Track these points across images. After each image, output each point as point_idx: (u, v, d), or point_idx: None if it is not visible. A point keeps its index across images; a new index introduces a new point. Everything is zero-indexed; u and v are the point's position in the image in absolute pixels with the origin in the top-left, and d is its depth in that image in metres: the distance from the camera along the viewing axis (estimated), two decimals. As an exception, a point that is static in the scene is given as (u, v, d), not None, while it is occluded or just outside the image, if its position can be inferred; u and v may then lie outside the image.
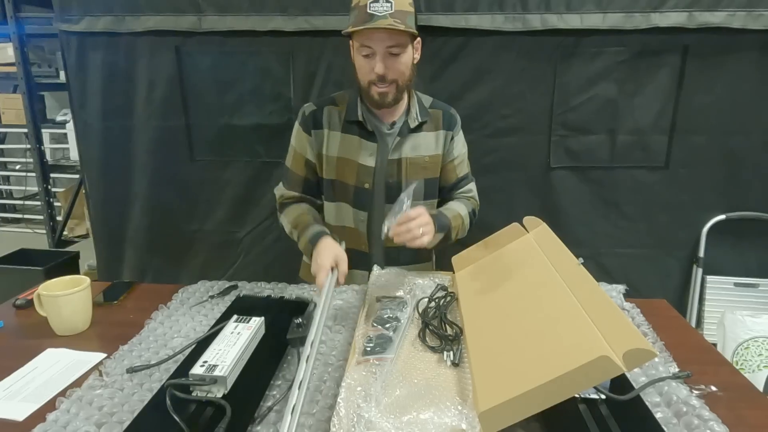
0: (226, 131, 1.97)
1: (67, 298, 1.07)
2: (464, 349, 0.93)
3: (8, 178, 4.40)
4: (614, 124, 1.90)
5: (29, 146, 2.69)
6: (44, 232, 2.78)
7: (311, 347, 0.88)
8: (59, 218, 2.83)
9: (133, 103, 1.99)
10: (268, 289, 1.29)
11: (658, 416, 0.79)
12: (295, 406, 0.75)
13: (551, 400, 0.70)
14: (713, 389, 0.89)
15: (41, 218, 2.88)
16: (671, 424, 0.79)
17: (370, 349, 0.92)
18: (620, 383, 0.85)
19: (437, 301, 1.12)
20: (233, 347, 0.90)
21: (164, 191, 2.07)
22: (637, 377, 0.90)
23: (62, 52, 1.98)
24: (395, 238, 1.10)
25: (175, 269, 2.14)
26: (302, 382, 0.79)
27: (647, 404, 0.82)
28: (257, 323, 0.99)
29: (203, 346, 0.92)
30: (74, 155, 2.99)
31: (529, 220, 1.17)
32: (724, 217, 1.97)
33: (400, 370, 0.87)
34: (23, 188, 4.22)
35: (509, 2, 1.79)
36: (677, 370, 0.93)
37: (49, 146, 3.54)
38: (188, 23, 1.87)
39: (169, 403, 0.79)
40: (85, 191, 2.15)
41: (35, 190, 3.05)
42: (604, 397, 0.81)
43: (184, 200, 2.08)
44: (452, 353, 0.91)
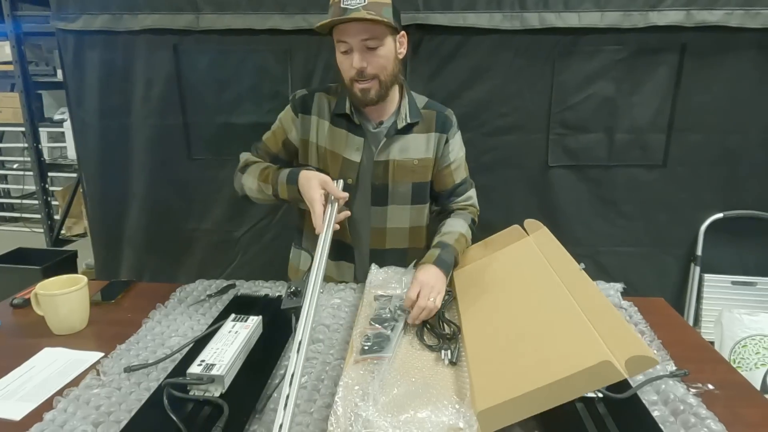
0: (224, 130, 1.97)
1: (64, 297, 1.07)
2: (462, 348, 0.94)
3: (5, 176, 4.39)
4: (612, 122, 1.90)
5: (26, 145, 2.68)
6: (42, 231, 2.77)
7: (309, 308, 0.86)
8: (57, 217, 2.82)
9: (130, 101, 1.98)
10: (265, 287, 1.29)
11: (655, 414, 0.79)
12: (294, 373, 0.76)
13: (550, 402, 0.71)
14: (710, 387, 0.89)
15: (39, 217, 2.88)
16: (668, 422, 0.79)
17: (367, 348, 0.92)
18: (617, 382, 0.85)
19: (435, 299, 1.12)
20: (231, 346, 0.90)
21: (162, 190, 2.07)
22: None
23: (59, 50, 1.97)
24: (417, 321, 1.04)
25: (172, 268, 2.14)
26: (300, 343, 0.79)
27: (644, 402, 0.82)
28: (255, 322, 0.99)
29: (201, 345, 0.92)
30: (72, 154, 2.98)
31: (530, 222, 1.17)
32: (721, 215, 1.97)
33: (397, 368, 0.88)
34: (21, 187, 4.21)
35: (507, 1, 1.78)
36: (674, 368, 0.93)
37: (46, 145, 3.54)
38: (186, 22, 1.86)
39: (166, 402, 0.79)
40: (82, 190, 2.14)
41: (33, 188, 3.05)
42: (601, 395, 0.81)
43: (181, 199, 2.08)
44: (450, 352, 0.91)
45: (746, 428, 0.80)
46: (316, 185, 1.11)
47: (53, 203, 2.87)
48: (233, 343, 0.91)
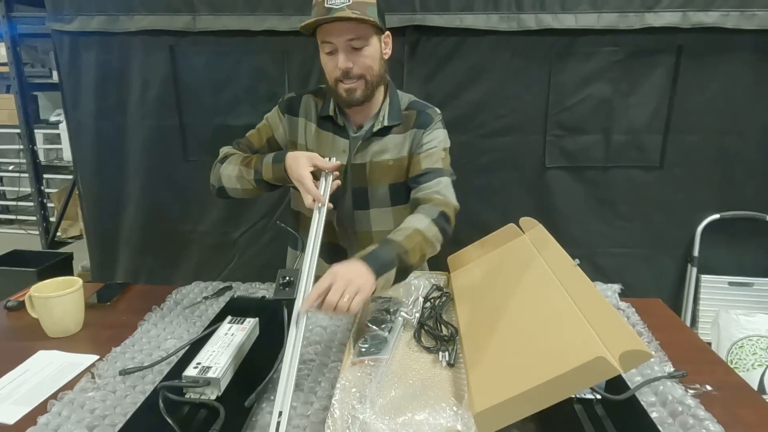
0: (220, 131, 1.96)
1: (58, 299, 1.06)
2: (459, 349, 0.93)
3: (1, 179, 4.37)
4: (609, 123, 1.91)
5: (22, 147, 2.67)
6: (37, 233, 2.76)
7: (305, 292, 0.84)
8: (52, 219, 2.81)
9: (126, 102, 1.98)
10: (262, 289, 1.28)
11: (653, 416, 0.79)
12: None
13: (547, 401, 0.70)
14: (708, 388, 0.89)
15: (34, 219, 2.86)
16: (666, 423, 0.79)
17: (365, 349, 0.91)
18: (616, 383, 0.85)
19: (432, 301, 1.12)
20: (227, 349, 0.89)
21: (158, 191, 2.06)
22: (632, 377, 0.90)
23: (55, 51, 1.97)
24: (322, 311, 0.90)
25: (169, 270, 2.13)
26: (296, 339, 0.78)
27: (643, 404, 0.82)
28: (251, 324, 0.99)
29: (197, 347, 0.92)
30: (67, 156, 2.96)
31: (525, 221, 1.17)
32: (718, 216, 1.98)
33: (395, 370, 0.87)
34: (16, 189, 4.19)
35: (504, 2, 1.79)
36: (672, 369, 0.93)
37: (42, 147, 3.52)
38: (182, 23, 1.86)
39: (162, 405, 0.78)
40: (78, 192, 2.13)
41: (28, 191, 3.03)
42: (599, 397, 0.81)
43: (178, 200, 2.07)
44: (447, 354, 0.91)
45: (745, 429, 0.80)
46: (304, 163, 1.09)
47: (49, 205, 2.86)
48: (229, 345, 0.90)
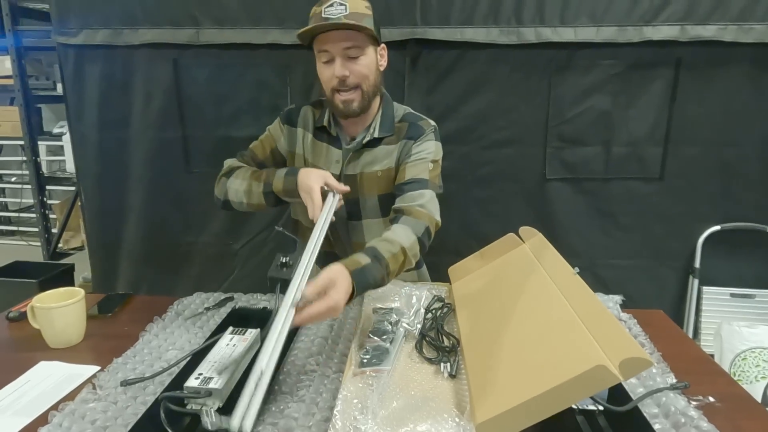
0: (222, 143, 1.98)
1: (60, 310, 1.06)
2: (461, 360, 0.93)
3: (3, 190, 4.39)
4: (609, 135, 1.92)
5: (25, 158, 2.68)
6: (39, 244, 2.76)
7: (297, 290, 0.81)
8: (54, 230, 2.82)
9: (130, 115, 1.99)
10: (264, 300, 1.29)
11: (656, 427, 0.79)
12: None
13: (548, 410, 0.70)
14: (711, 400, 0.89)
15: (36, 230, 2.87)
16: (669, 435, 0.78)
17: (366, 360, 0.91)
18: (618, 394, 0.84)
19: (434, 312, 1.12)
20: (229, 359, 0.89)
21: (160, 203, 2.07)
22: (634, 388, 0.90)
23: (60, 64, 1.99)
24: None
25: (170, 281, 2.13)
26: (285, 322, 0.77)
27: (645, 415, 0.81)
28: (253, 335, 0.99)
29: (198, 358, 0.92)
30: (70, 167, 2.98)
31: (524, 230, 1.18)
32: (719, 228, 1.98)
33: (396, 381, 0.87)
34: (18, 200, 4.20)
35: (504, 16, 1.81)
36: (675, 380, 0.93)
37: (45, 158, 3.54)
38: (186, 36, 1.88)
39: (163, 416, 0.78)
40: (80, 203, 2.14)
41: (31, 202, 3.04)
42: (602, 408, 0.81)
43: (180, 212, 2.08)
44: (449, 365, 0.91)
45: (748, 441, 0.80)
46: (316, 177, 1.11)
47: (51, 217, 2.87)
48: (231, 356, 0.90)
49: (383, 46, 1.23)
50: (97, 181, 2.07)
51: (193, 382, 0.83)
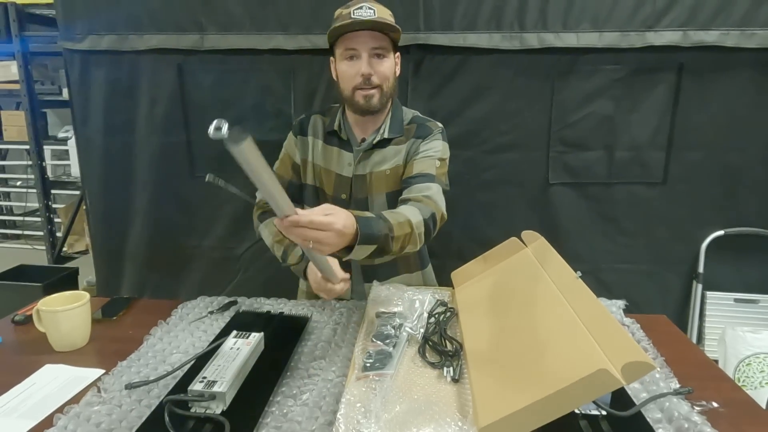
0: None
1: (66, 313, 1.07)
2: (464, 364, 0.93)
3: (9, 194, 4.42)
4: (612, 140, 1.92)
5: (30, 162, 2.70)
6: (44, 248, 2.78)
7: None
8: (59, 234, 2.83)
9: (134, 119, 2.01)
10: (267, 304, 1.29)
11: (659, 432, 0.79)
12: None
13: (551, 414, 0.70)
14: (715, 405, 0.88)
15: (41, 234, 2.89)
16: (673, 440, 0.78)
17: (369, 365, 0.91)
18: (621, 399, 0.84)
19: (437, 316, 1.12)
20: (232, 363, 0.90)
21: (164, 207, 2.08)
22: (638, 393, 0.90)
23: (66, 69, 2.00)
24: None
25: (174, 285, 2.13)
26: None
27: (648, 420, 0.81)
28: (257, 339, 0.99)
29: (202, 362, 0.92)
30: (75, 171, 3.00)
31: (527, 234, 1.18)
32: (722, 232, 1.98)
33: (399, 386, 0.87)
34: (23, 204, 4.23)
35: (507, 21, 1.82)
36: (678, 386, 0.93)
37: (50, 162, 3.57)
38: (190, 42, 1.90)
39: (167, 419, 0.79)
40: (85, 207, 2.15)
41: (36, 206, 3.06)
42: (605, 413, 0.81)
43: (184, 216, 2.08)
44: (452, 369, 0.91)
45: (752, 447, 0.80)
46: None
47: (56, 220, 2.89)
48: (235, 359, 0.91)
49: (398, 54, 1.27)
50: (102, 185, 2.08)
51: (197, 385, 0.83)
